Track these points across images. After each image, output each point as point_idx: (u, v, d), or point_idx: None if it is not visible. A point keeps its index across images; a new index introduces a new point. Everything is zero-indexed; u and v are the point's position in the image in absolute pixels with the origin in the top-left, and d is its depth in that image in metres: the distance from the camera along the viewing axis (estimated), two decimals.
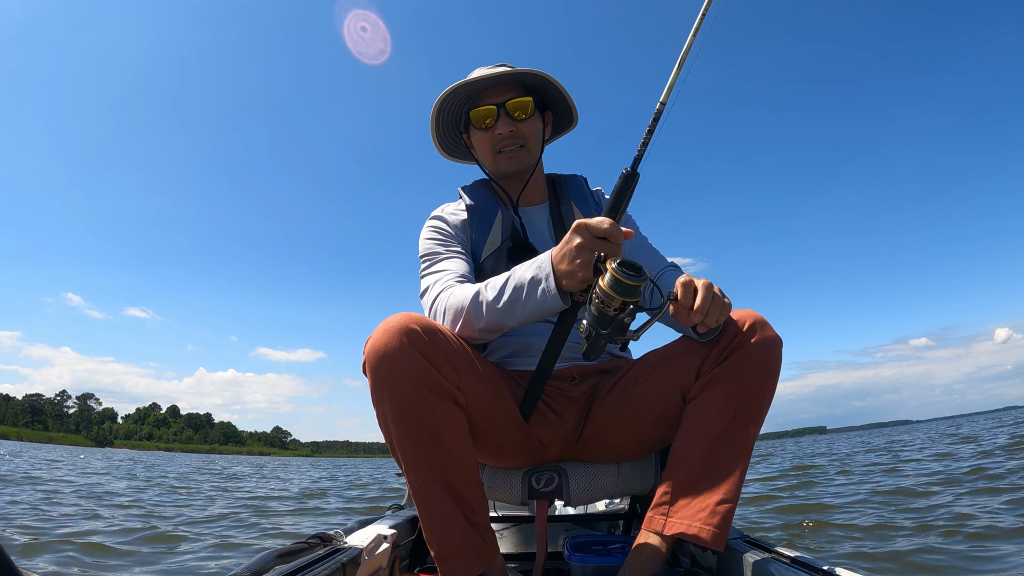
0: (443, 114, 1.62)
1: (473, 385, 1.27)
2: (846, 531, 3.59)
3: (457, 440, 1.22)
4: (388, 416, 1.20)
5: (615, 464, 1.51)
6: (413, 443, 1.19)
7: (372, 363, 1.18)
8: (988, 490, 4.60)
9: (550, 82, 1.56)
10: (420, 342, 1.18)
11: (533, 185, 1.64)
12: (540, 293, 1.22)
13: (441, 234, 1.55)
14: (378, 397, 1.20)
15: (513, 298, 1.26)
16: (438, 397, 1.19)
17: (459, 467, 1.22)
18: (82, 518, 4.96)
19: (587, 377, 1.51)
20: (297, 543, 1.26)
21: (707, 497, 1.23)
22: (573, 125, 1.72)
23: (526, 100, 1.55)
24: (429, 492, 1.21)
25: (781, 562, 1.18)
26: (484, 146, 1.58)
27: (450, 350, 1.24)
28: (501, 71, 1.52)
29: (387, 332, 1.17)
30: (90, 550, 3.54)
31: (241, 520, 5.36)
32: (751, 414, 1.26)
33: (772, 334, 1.27)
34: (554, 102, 1.65)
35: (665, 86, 1.13)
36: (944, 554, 2.80)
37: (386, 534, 1.45)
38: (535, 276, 1.23)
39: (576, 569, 1.40)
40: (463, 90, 1.55)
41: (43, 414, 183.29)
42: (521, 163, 1.57)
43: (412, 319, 1.20)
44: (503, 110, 1.54)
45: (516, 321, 1.29)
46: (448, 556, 1.23)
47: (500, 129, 1.54)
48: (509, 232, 1.56)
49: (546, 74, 1.53)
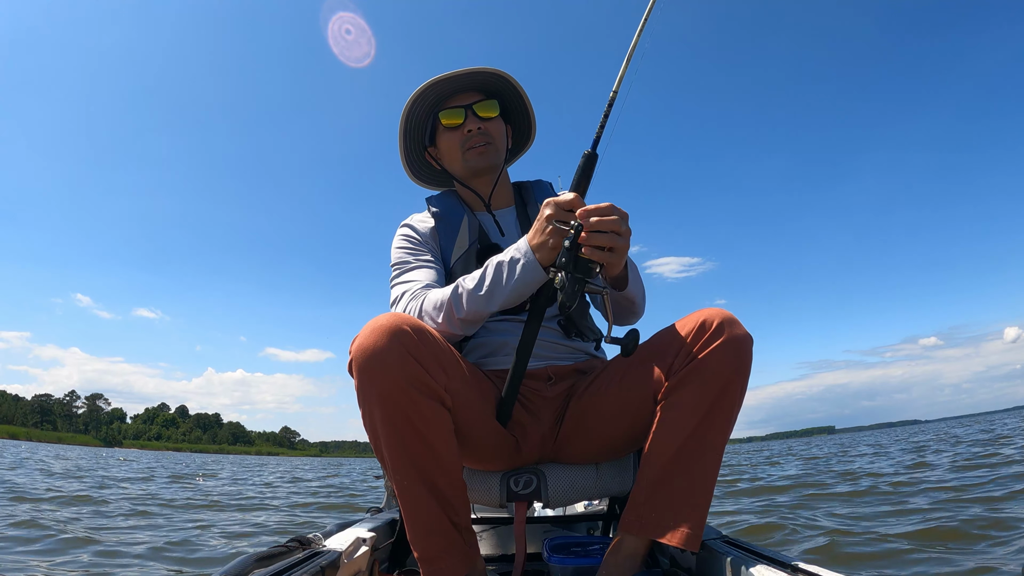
0: (411, 121, 1.65)
1: (459, 386, 1.28)
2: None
3: (443, 442, 1.22)
4: (375, 416, 1.19)
5: (593, 465, 1.51)
6: (400, 444, 1.19)
7: (360, 362, 1.17)
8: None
9: (511, 86, 1.62)
10: (410, 342, 1.17)
11: (500, 188, 1.69)
12: (520, 268, 1.29)
13: (411, 243, 1.59)
14: (365, 397, 1.19)
15: (494, 281, 1.31)
16: (426, 398, 1.18)
17: (444, 469, 1.22)
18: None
19: (563, 378, 1.52)
20: (275, 547, 1.27)
21: (680, 498, 1.23)
22: (531, 141, 1.79)
23: (492, 102, 1.62)
24: (414, 493, 1.21)
25: (760, 562, 1.18)
26: (453, 146, 1.62)
27: (438, 351, 1.24)
28: (465, 68, 1.57)
29: (376, 331, 1.17)
30: None
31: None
32: (722, 413, 1.26)
33: (741, 332, 1.26)
34: (514, 115, 1.72)
35: (617, 76, 1.24)
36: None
37: (365, 537, 1.46)
38: (513, 256, 1.30)
39: (556, 570, 1.40)
40: (431, 93, 1.59)
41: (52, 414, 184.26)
42: (489, 159, 1.61)
43: (401, 319, 1.20)
44: (470, 111, 1.59)
45: (498, 303, 1.33)
46: (432, 558, 1.23)
47: (469, 126, 1.59)
48: (476, 235, 1.59)
49: (506, 74, 1.60)
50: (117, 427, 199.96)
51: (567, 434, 1.47)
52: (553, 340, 1.56)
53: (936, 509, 4.24)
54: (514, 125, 1.74)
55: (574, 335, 1.58)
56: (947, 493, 4.96)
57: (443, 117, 1.61)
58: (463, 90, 1.61)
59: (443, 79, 1.56)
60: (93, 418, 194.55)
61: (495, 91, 1.64)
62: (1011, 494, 4.47)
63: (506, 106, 1.68)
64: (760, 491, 6.77)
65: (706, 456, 1.25)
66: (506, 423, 1.41)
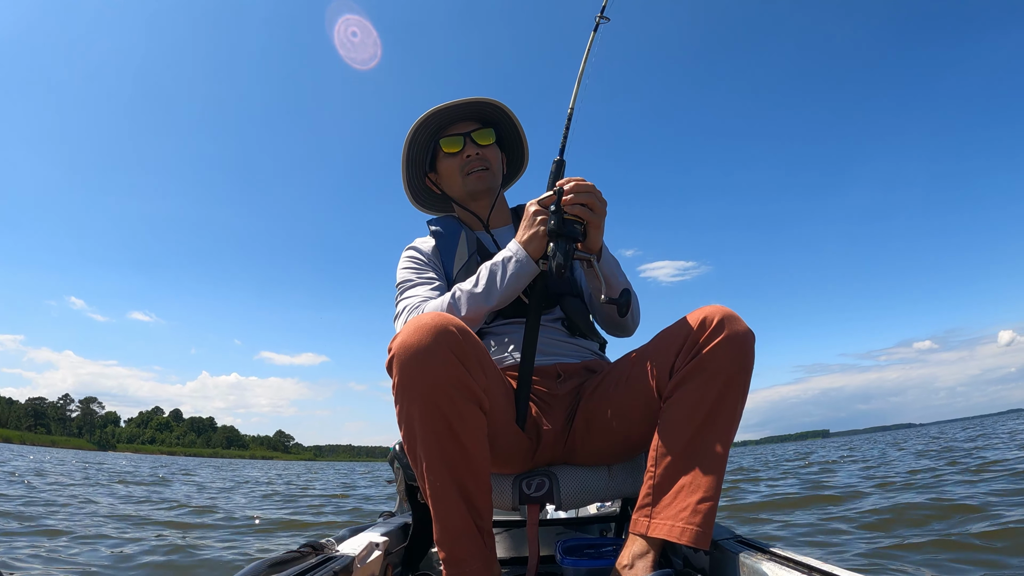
0: (414, 148, 1.74)
1: (495, 388, 1.28)
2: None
3: (477, 445, 1.22)
4: (414, 415, 1.18)
5: (605, 467, 1.51)
6: (437, 445, 1.18)
7: (402, 360, 1.16)
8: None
9: (507, 116, 1.74)
10: (454, 342, 1.17)
11: (498, 210, 1.77)
12: (513, 263, 1.40)
13: (414, 263, 1.66)
14: (404, 395, 1.18)
15: (490, 279, 1.41)
16: (466, 401, 1.18)
17: (475, 472, 1.22)
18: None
19: (572, 375, 1.53)
20: (289, 552, 1.25)
21: (687, 496, 1.21)
22: (524, 167, 1.91)
23: (488, 130, 1.72)
24: (446, 495, 1.20)
25: (774, 560, 1.16)
26: (453, 171, 1.72)
27: (479, 352, 1.24)
28: (463, 99, 1.68)
29: (420, 330, 1.16)
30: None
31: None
32: (726, 410, 1.25)
33: (743, 328, 1.26)
34: (509, 143, 1.83)
35: (571, 94, 1.51)
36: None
37: (378, 541, 1.44)
38: (506, 255, 1.42)
39: (569, 573, 1.38)
40: (432, 122, 1.69)
41: (46, 418, 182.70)
42: (487, 182, 1.71)
43: (445, 319, 1.19)
44: (469, 138, 1.69)
45: (496, 299, 1.41)
46: (459, 561, 1.22)
47: (468, 152, 1.69)
48: (475, 247, 1.66)
49: (502, 104, 1.71)
50: (111, 431, 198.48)
51: (579, 433, 1.47)
52: (558, 339, 1.60)
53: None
54: (509, 153, 1.85)
55: (577, 334, 1.62)
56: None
57: (444, 144, 1.70)
58: (462, 119, 1.71)
59: (443, 108, 1.66)
60: (87, 422, 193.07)
61: (491, 120, 1.75)
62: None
63: (501, 134, 1.78)
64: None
65: (711, 454, 1.23)
66: (523, 419, 1.41)
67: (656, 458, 1.27)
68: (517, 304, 1.55)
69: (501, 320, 1.60)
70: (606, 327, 1.71)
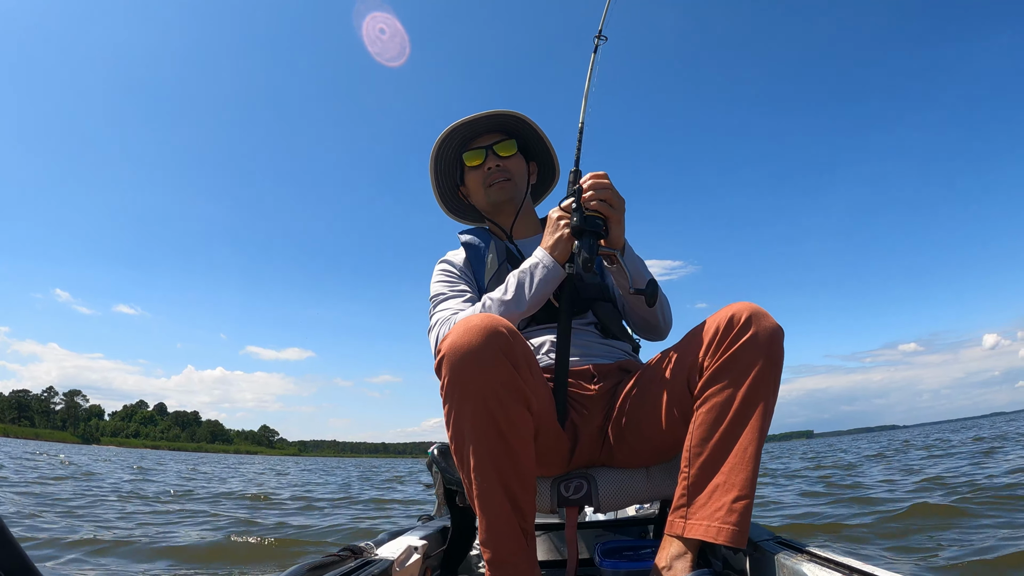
0: (441, 163, 1.77)
1: (540, 389, 1.26)
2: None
3: (524, 447, 1.20)
4: (463, 416, 1.16)
5: (643, 468, 1.47)
6: (486, 446, 1.16)
7: (453, 361, 1.14)
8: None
9: (529, 126, 1.74)
10: (504, 343, 1.15)
11: (525, 219, 1.79)
12: (540, 269, 1.42)
13: (447, 276, 1.67)
14: (454, 396, 1.16)
15: (518, 285, 1.42)
16: (515, 402, 1.17)
17: (521, 474, 1.20)
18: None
19: (607, 375, 1.51)
20: (328, 556, 1.24)
21: (722, 496, 1.18)
22: (556, 177, 1.92)
23: (509, 141, 1.74)
24: (493, 497, 1.18)
25: (814, 562, 1.13)
26: (477, 183, 1.74)
27: (528, 353, 1.22)
28: (483, 112, 1.70)
29: (470, 331, 1.15)
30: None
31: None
32: (757, 406, 1.21)
33: (771, 324, 1.23)
34: (537, 153, 1.84)
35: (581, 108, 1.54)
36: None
37: (416, 545, 1.42)
38: (532, 262, 1.44)
39: (608, 575, 1.35)
40: (456, 136, 1.72)
41: (30, 410, 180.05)
42: (508, 192, 1.72)
43: (494, 320, 1.18)
44: (490, 151, 1.72)
45: (526, 304, 1.41)
46: (503, 561, 1.20)
47: (489, 164, 1.71)
48: (504, 256, 1.67)
49: (523, 115, 1.72)
50: (95, 424, 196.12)
51: (616, 435, 1.44)
52: (592, 340, 1.58)
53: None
54: (539, 162, 1.86)
55: (611, 336, 1.61)
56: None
57: (467, 159, 1.74)
58: (486, 132, 1.74)
59: (464, 123, 1.69)
60: (71, 415, 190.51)
61: (515, 131, 1.76)
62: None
63: (527, 145, 1.81)
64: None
65: (744, 451, 1.20)
66: (564, 418, 1.39)
67: (689, 458, 1.24)
68: (549, 309, 1.54)
69: (535, 325, 1.60)
70: (639, 330, 1.69)
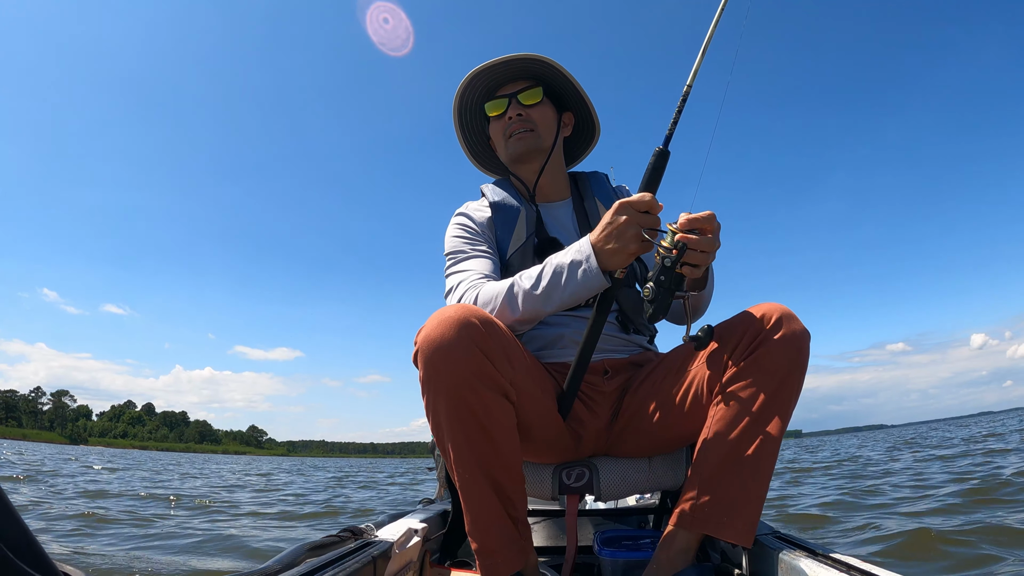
0: (465, 113, 1.64)
1: (524, 380, 1.23)
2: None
3: (505, 436, 1.17)
4: (440, 409, 1.14)
5: (645, 459, 1.46)
6: (464, 437, 1.14)
7: (427, 354, 1.11)
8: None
9: (559, 72, 1.57)
10: (477, 335, 1.12)
11: (553, 180, 1.63)
12: (581, 274, 1.22)
13: (467, 232, 1.52)
14: (431, 388, 1.13)
15: (552, 283, 1.25)
16: (491, 392, 1.14)
17: (505, 464, 1.17)
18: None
19: (619, 371, 1.47)
20: (328, 536, 1.22)
21: (734, 492, 1.17)
22: (596, 132, 1.72)
23: (535, 89, 1.58)
24: (475, 487, 1.16)
25: (813, 558, 1.13)
26: (499, 135, 1.61)
27: (506, 343, 1.18)
28: (503, 57, 1.55)
29: (443, 323, 1.12)
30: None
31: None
32: (778, 409, 1.20)
33: (799, 327, 1.22)
34: (571, 102, 1.65)
35: (691, 69, 1.21)
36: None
37: (417, 528, 1.41)
38: (574, 259, 1.24)
39: (606, 563, 1.34)
40: (480, 83, 1.58)
41: (17, 411, 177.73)
42: (529, 144, 1.56)
43: (468, 310, 1.14)
44: (514, 99, 1.57)
45: (554, 306, 1.27)
46: (490, 551, 1.17)
47: (511, 113, 1.57)
48: (534, 227, 1.54)
49: (545, 58, 1.54)
50: (83, 424, 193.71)
51: (622, 427, 1.42)
52: (611, 334, 1.51)
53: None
54: (576, 113, 1.69)
55: (632, 331, 1.54)
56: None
57: (488, 109, 1.61)
58: (511, 79, 1.59)
59: (484, 69, 1.55)
60: (59, 415, 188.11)
61: (544, 78, 1.60)
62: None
63: (562, 94, 1.64)
64: None
65: (763, 450, 1.18)
66: (567, 417, 1.36)
67: (704, 451, 1.22)
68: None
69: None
70: (669, 318, 1.59)
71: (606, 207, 1.58)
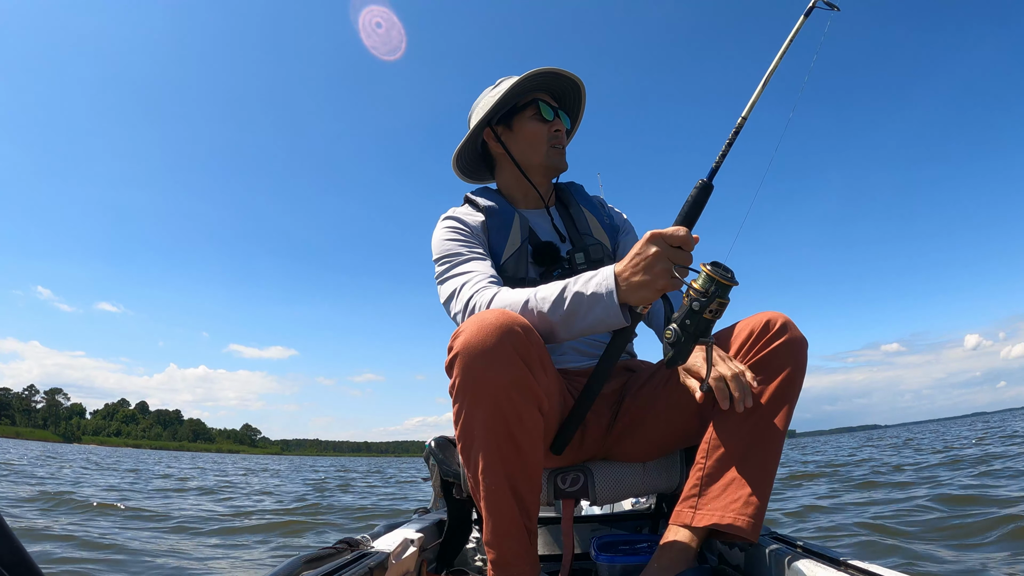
0: (508, 94, 1.52)
1: (552, 388, 1.21)
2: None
3: (533, 447, 1.15)
4: (476, 417, 1.10)
5: (640, 463, 1.45)
6: (496, 446, 1.11)
7: (466, 359, 1.08)
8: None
9: (578, 104, 1.65)
10: (520, 343, 1.08)
11: (547, 191, 1.65)
12: (602, 310, 1.14)
13: (461, 234, 1.46)
14: (467, 396, 1.10)
15: (570, 311, 1.16)
16: (528, 403, 1.11)
17: (528, 474, 1.16)
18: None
19: (615, 375, 1.47)
20: (324, 548, 1.20)
21: (738, 489, 1.17)
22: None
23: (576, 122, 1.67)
24: (500, 498, 1.14)
25: (810, 558, 1.13)
26: (538, 136, 1.55)
27: (542, 352, 1.15)
28: (575, 75, 1.57)
29: (484, 328, 1.08)
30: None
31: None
32: (782, 410, 1.21)
33: (798, 335, 1.24)
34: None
35: (748, 101, 1.14)
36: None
37: (413, 538, 1.39)
38: (595, 292, 1.14)
39: (603, 569, 1.34)
40: (537, 79, 1.55)
41: (11, 409, 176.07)
42: (563, 162, 1.60)
43: (510, 317, 1.10)
44: (562, 115, 1.59)
45: (571, 335, 1.20)
46: (507, 562, 1.17)
47: (557, 126, 1.56)
48: (527, 232, 1.52)
49: (584, 103, 1.63)
50: (76, 423, 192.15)
51: (620, 431, 1.42)
52: (602, 340, 1.53)
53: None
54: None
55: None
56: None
57: (543, 107, 1.55)
58: (549, 92, 1.61)
59: (560, 73, 1.55)
60: (52, 413, 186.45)
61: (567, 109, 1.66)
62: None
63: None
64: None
65: (766, 451, 1.20)
66: (561, 452, 1.35)
67: (708, 450, 1.22)
68: None
69: None
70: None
71: (593, 215, 1.62)
